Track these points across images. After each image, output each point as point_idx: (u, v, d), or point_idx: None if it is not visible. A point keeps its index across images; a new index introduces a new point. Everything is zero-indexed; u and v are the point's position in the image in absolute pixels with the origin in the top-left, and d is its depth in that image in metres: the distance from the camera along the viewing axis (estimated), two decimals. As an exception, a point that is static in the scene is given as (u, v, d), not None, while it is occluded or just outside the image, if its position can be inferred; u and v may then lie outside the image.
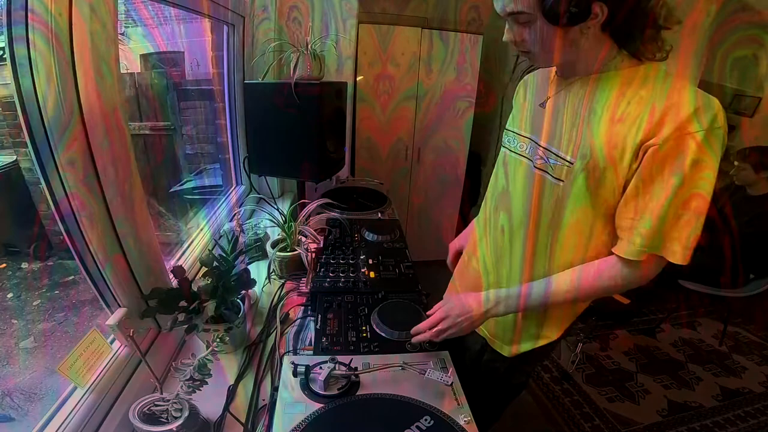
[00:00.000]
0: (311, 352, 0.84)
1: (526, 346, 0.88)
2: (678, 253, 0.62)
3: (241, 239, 1.31)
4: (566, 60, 0.68)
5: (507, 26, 0.69)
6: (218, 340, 0.70)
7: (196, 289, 0.83)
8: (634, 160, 0.62)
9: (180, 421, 0.63)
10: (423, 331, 0.78)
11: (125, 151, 0.73)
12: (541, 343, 0.87)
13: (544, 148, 0.74)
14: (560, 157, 0.70)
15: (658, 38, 0.63)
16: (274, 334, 0.97)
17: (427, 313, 0.83)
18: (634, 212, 0.64)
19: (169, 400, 0.65)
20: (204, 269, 0.89)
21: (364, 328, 0.89)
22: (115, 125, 0.69)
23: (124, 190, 0.73)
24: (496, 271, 0.89)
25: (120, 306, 0.79)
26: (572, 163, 0.68)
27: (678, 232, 0.61)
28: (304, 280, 1.17)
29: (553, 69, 0.79)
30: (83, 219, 0.68)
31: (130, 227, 0.76)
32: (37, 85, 0.58)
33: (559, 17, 0.59)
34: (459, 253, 1.11)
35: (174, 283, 0.89)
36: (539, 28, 0.63)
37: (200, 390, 0.67)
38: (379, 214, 1.57)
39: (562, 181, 0.71)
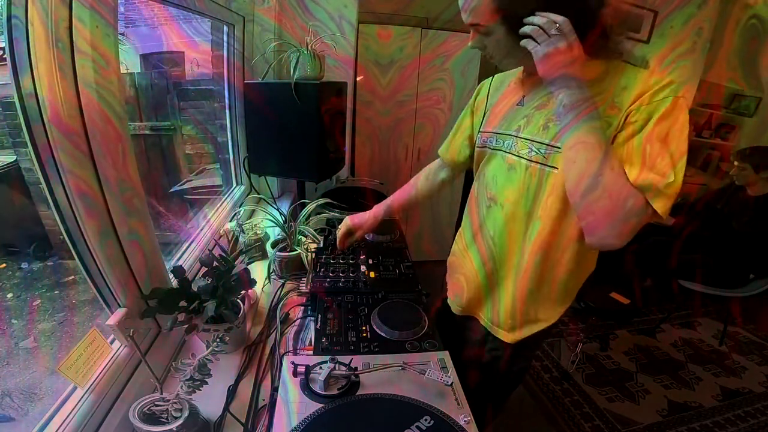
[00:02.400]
0: (311, 352, 0.84)
1: (526, 332, 0.91)
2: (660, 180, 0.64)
3: (241, 239, 1.31)
4: (526, 64, 0.73)
5: (471, 34, 0.76)
6: (218, 340, 0.70)
7: (196, 289, 0.83)
8: (619, 129, 0.68)
9: (180, 421, 0.63)
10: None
11: (125, 151, 0.73)
12: (540, 327, 0.91)
13: (536, 141, 0.78)
14: (552, 146, 0.74)
15: (610, 43, 0.71)
16: (274, 334, 0.97)
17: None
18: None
19: (169, 400, 0.65)
20: (204, 269, 0.89)
21: (364, 328, 0.89)
22: (116, 125, 0.69)
23: (124, 190, 0.73)
24: (496, 265, 0.91)
25: (120, 306, 0.79)
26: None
27: (658, 163, 0.64)
28: (304, 280, 1.17)
29: (520, 69, 0.86)
30: (83, 219, 0.68)
31: (130, 227, 0.76)
32: (37, 85, 0.58)
33: (517, 33, 0.66)
34: (350, 231, 1.14)
35: (174, 283, 0.89)
36: (497, 38, 0.72)
37: (200, 390, 0.67)
38: (379, 214, 1.57)
39: (557, 168, 0.75)
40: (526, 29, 0.66)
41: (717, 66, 3.02)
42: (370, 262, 1.17)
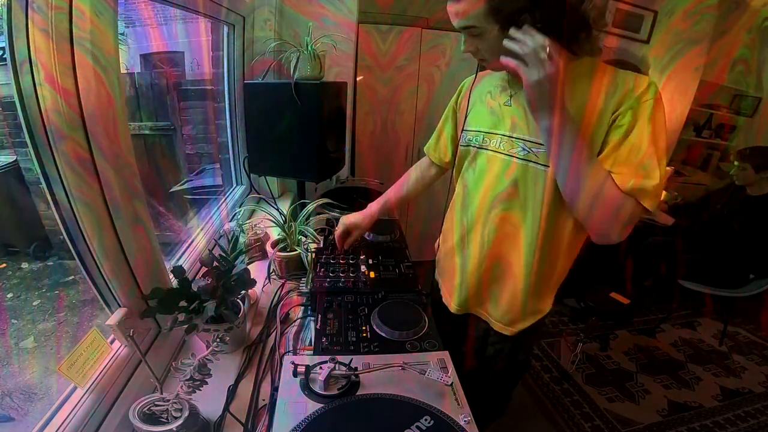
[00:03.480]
0: (311, 352, 0.84)
1: (524, 324, 0.95)
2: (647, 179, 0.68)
3: (241, 239, 1.31)
4: None
5: (463, 38, 0.78)
6: (218, 340, 0.70)
7: (196, 289, 0.83)
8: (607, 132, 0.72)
9: (180, 421, 0.63)
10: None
11: (125, 151, 0.73)
12: (538, 317, 0.95)
13: (526, 140, 0.80)
14: (543, 144, 0.76)
15: (592, 38, 0.73)
16: (274, 334, 0.97)
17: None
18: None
19: (169, 400, 0.65)
20: (204, 269, 0.89)
21: (364, 328, 0.89)
22: (116, 125, 0.69)
23: (124, 190, 0.73)
24: (490, 262, 0.93)
25: (120, 306, 0.79)
26: None
27: (647, 165, 0.68)
28: (304, 280, 1.17)
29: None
30: (83, 219, 0.68)
31: (130, 227, 0.76)
32: (37, 85, 0.58)
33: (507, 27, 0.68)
34: (347, 231, 1.17)
35: (174, 283, 0.89)
36: (489, 39, 0.73)
37: (200, 390, 0.67)
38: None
39: (548, 166, 0.77)
40: (513, 46, 0.66)
41: (719, 66, 3.02)
42: (370, 262, 1.17)
